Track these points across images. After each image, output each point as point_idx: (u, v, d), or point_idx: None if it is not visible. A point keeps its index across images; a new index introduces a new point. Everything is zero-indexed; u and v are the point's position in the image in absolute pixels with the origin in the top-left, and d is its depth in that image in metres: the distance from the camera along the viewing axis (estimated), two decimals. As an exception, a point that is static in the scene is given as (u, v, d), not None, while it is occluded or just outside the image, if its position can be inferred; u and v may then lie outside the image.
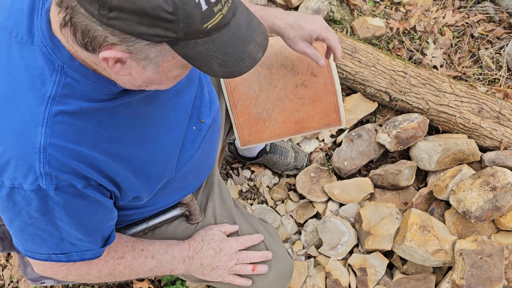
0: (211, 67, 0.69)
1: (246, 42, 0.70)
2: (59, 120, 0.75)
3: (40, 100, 0.74)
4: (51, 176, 0.77)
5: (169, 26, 0.62)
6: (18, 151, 0.75)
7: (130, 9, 0.60)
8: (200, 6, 0.62)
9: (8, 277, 1.77)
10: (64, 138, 0.76)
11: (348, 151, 1.79)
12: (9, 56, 0.76)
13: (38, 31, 0.74)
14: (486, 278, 1.37)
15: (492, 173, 1.52)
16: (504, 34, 2.09)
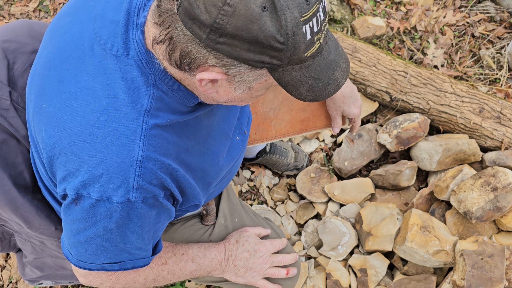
0: (300, 91, 0.72)
1: (334, 69, 0.73)
2: (154, 134, 0.78)
3: (137, 114, 0.77)
4: (142, 189, 0.79)
5: (276, 55, 0.66)
6: (115, 164, 0.77)
7: (243, 37, 0.64)
8: (306, 36, 0.66)
9: (7, 278, 1.76)
10: (158, 151, 0.79)
11: (348, 151, 1.78)
12: (105, 67, 0.77)
13: (134, 44, 0.76)
14: (487, 279, 1.37)
15: (493, 173, 1.52)
16: (505, 34, 2.08)
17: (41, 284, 1.38)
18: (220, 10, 0.62)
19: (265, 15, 0.63)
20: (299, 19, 0.64)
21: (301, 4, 0.64)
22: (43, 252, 1.25)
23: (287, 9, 0.63)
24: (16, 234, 1.29)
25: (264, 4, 0.62)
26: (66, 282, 1.44)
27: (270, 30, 0.63)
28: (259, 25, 0.63)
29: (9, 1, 2.22)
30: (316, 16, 0.66)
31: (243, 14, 0.62)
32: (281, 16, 0.63)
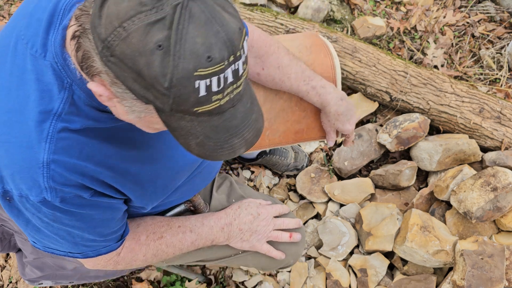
0: (188, 142, 0.68)
1: (233, 135, 0.68)
2: (63, 137, 0.76)
3: (45, 116, 0.75)
4: (56, 190, 0.77)
5: (159, 97, 0.61)
6: (23, 165, 0.76)
7: (129, 66, 0.60)
8: (198, 92, 0.60)
9: (7, 278, 1.76)
10: (68, 154, 0.77)
11: (348, 151, 1.78)
12: (24, 67, 0.76)
13: (51, 46, 0.74)
14: (487, 279, 1.37)
15: (493, 173, 1.52)
16: (505, 34, 2.08)
17: (41, 284, 1.38)
18: (114, 30, 0.59)
19: (157, 54, 0.58)
20: (192, 73, 0.59)
21: (200, 58, 0.58)
22: (43, 252, 1.25)
23: (182, 58, 0.58)
24: (16, 234, 1.29)
25: (161, 43, 0.58)
26: (66, 282, 1.44)
27: (156, 71, 0.58)
28: (146, 61, 0.58)
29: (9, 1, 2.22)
30: (218, 76, 0.60)
31: (134, 44, 0.58)
32: (172, 61, 0.58)
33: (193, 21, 0.58)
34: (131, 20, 0.58)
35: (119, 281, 1.74)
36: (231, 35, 0.60)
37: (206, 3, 0.59)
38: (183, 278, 1.71)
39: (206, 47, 0.58)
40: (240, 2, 2.02)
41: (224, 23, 0.60)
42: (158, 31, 0.58)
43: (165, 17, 0.58)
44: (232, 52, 0.61)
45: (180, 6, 0.58)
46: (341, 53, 1.83)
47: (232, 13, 0.62)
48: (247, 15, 1.93)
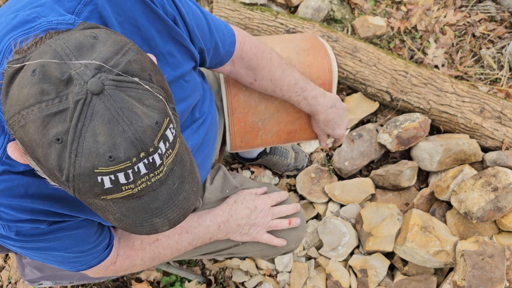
0: (107, 216, 0.65)
1: (154, 215, 0.65)
2: (5, 179, 0.73)
3: None
4: (8, 226, 0.76)
5: (61, 184, 0.59)
6: None
7: (28, 151, 0.58)
8: (102, 185, 0.57)
9: (6, 278, 1.76)
10: (12, 195, 0.74)
11: (348, 151, 1.78)
12: None
13: None
14: (487, 279, 1.36)
15: (493, 173, 1.51)
16: (505, 34, 2.08)
17: (41, 284, 1.38)
18: (14, 116, 0.56)
19: (54, 147, 0.55)
20: (92, 170, 0.55)
21: (101, 158, 0.55)
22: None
23: (80, 155, 0.55)
24: (15, 235, 1.29)
25: (60, 137, 0.54)
26: (66, 283, 1.44)
27: (52, 164, 0.56)
28: (43, 152, 0.56)
29: (9, 1, 2.22)
30: (125, 172, 0.56)
31: (31, 133, 0.55)
32: (68, 158, 0.55)
33: (95, 118, 0.54)
34: (30, 109, 0.55)
35: (118, 282, 1.73)
36: (141, 134, 0.56)
37: (113, 99, 0.55)
38: (182, 278, 1.71)
39: (108, 147, 0.55)
40: (240, 2, 2.02)
41: (133, 120, 0.55)
42: (59, 123, 0.54)
43: (67, 109, 0.54)
44: (142, 149, 0.56)
45: (82, 102, 0.54)
46: (341, 52, 1.82)
47: (150, 105, 0.58)
48: (247, 14, 1.93)
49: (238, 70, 1.13)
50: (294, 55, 1.30)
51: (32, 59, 0.57)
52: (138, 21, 0.80)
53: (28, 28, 0.69)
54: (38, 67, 0.56)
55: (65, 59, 0.56)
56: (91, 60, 0.56)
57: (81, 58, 0.56)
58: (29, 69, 0.56)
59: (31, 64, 0.56)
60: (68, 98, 0.54)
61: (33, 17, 0.71)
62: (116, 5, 0.77)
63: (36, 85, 0.55)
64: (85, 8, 0.75)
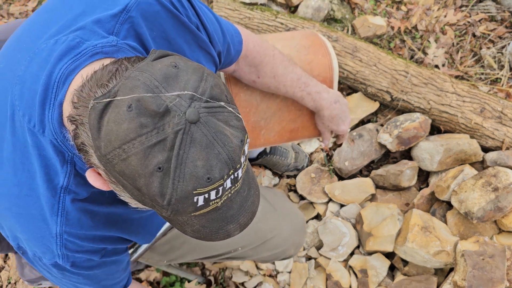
0: (185, 229, 0.70)
1: (229, 222, 0.69)
2: (72, 209, 0.78)
3: (53, 192, 0.76)
4: (68, 256, 0.80)
5: (158, 207, 0.63)
6: (37, 235, 0.79)
7: (128, 181, 0.61)
8: (196, 203, 0.62)
9: (6, 279, 1.76)
10: (79, 225, 0.79)
11: (349, 151, 1.78)
12: (24, 141, 0.76)
13: (49, 123, 0.73)
14: (487, 279, 1.36)
15: (494, 173, 1.51)
16: (506, 34, 2.07)
17: (40, 284, 1.37)
18: (114, 150, 0.59)
19: (156, 176, 0.59)
20: (191, 192, 0.60)
21: (200, 180, 0.59)
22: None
23: (182, 180, 0.59)
24: (15, 235, 1.29)
25: (161, 165, 0.58)
26: (66, 283, 1.43)
27: (155, 191, 0.60)
28: (145, 181, 0.59)
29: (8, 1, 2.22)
30: (217, 189, 0.62)
31: (134, 166, 0.58)
32: (171, 184, 0.59)
33: (194, 145, 0.58)
34: (131, 143, 0.58)
35: (118, 282, 1.73)
36: (232, 154, 0.61)
37: (208, 126, 0.59)
38: (182, 279, 1.70)
39: (206, 170, 0.59)
40: (240, 1, 2.02)
41: (226, 142, 0.60)
42: (158, 152, 0.58)
43: (165, 138, 0.58)
44: (232, 167, 0.61)
45: (182, 132, 0.58)
46: (341, 52, 1.82)
47: (235, 125, 0.63)
48: (247, 14, 1.92)
49: (242, 68, 1.14)
50: (294, 53, 1.30)
51: (122, 94, 0.59)
52: (169, 34, 0.83)
53: (75, 54, 0.71)
54: (134, 102, 0.58)
55: (157, 91, 0.58)
56: (182, 90, 0.59)
57: (170, 89, 0.59)
58: (124, 104, 0.58)
59: (124, 99, 0.59)
60: (165, 128, 0.58)
61: (76, 43, 0.72)
62: (149, 21, 0.79)
63: (135, 119, 0.58)
64: (122, 27, 0.77)
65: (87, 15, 0.76)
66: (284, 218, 1.26)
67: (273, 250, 1.29)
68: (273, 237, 1.22)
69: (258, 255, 1.28)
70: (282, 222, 1.25)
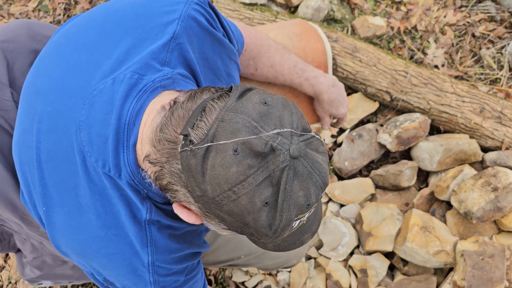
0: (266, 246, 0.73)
1: (305, 233, 0.73)
2: (159, 237, 0.81)
3: (140, 226, 0.79)
4: (159, 281, 0.84)
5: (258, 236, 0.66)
6: (129, 269, 0.82)
7: (235, 218, 0.63)
8: (292, 228, 0.66)
9: (6, 278, 1.76)
10: (167, 250, 0.83)
11: (348, 151, 1.78)
12: (102, 185, 0.77)
13: (125, 167, 0.74)
14: (487, 279, 1.36)
15: (493, 173, 1.51)
16: (505, 34, 2.08)
17: (41, 284, 1.38)
18: (223, 193, 0.62)
19: (264, 210, 0.62)
20: (293, 218, 0.64)
21: (302, 207, 0.64)
22: (42, 251, 1.24)
23: (287, 211, 0.63)
24: (15, 234, 1.29)
25: (268, 200, 0.62)
26: (66, 282, 1.44)
27: (263, 225, 0.63)
28: (254, 217, 0.63)
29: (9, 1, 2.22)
30: (310, 212, 0.67)
31: (243, 205, 0.62)
32: (279, 216, 0.63)
33: (297, 178, 0.62)
34: (241, 185, 0.61)
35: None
36: (325, 179, 0.65)
37: (308, 158, 0.63)
38: (183, 278, 1.71)
39: (307, 198, 0.64)
40: (240, 2, 2.02)
41: (321, 170, 0.64)
42: (265, 189, 0.61)
43: (270, 175, 0.61)
44: (324, 190, 0.66)
45: (288, 168, 0.61)
46: (341, 52, 1.82)
47: (322, 151, 0.66)
48: (247, 14, 1.93)
49: (242, 63, 1.14)
50: (287, 41, 1.30)
51: (224, 138, 0.61)
52: (206, 53, 0.85)
53: (138, 92, 0.72)
54: (239, 146, 0.61)
55: (257, 132, 0.61)
56: (280, 128, 0.62)
57: (267, 127, 0.62)
58: (229, 148, 0.61)
59: (228, 143, 0.61)
60: (268, 166, 0.61)
61: (135, 80, 0.73)
62: (193, 44, 0.81)
63: (243, 162, 0.61)
64: (172, 55, 0.78)
65: (137, 48, 0.76)
66: None
67: (276, 259, 1.31)
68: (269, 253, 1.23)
69: (261, 263, 1.29)
70: None
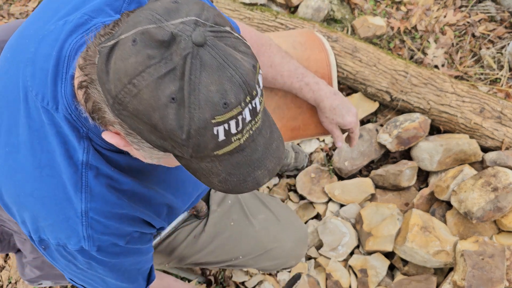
0: (211, 180, 0.67)
1: (256, 168, 0.67)
2: (96, 184, 0.76)
3: (75, 168, 0.74)
4: (94, 238, 0.78)
5: (177, 146, 0.60)
6: (62, 216, 0.76)
7: (143, 121, 0.58)
8: (217, 137, 0.59)
9: (6, 278, 1.76)
10: (104, 201, 0.77)
11: (348, 151, 1.78)
12: (40, 121, 0.75)
13: (62, 98, 0.72)
14: (487, 279, 1.36)
15: (493, 173, 1.51)
16: (505, 34, 2.08)
17: (41, 284, 1.38)
18: (124, 87, 0.57)
19: (171, 107, 0.56)
20: (210, 121, 0.57)
21: (217, 106, 0.56)
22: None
23: (197, 108, 0.56)
24: (15, 234, 1.29)
25: (174, 96, 0.56)
26: (66, 282, 1.44)
27: (172, 124, 0.57)
28: (160, 115, 0.57)
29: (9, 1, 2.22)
30: (236, 119, 0.59)
31: (146, 99, 0.56)
32: (187, 114, 0.56)
33: (205, 69, 0.56)
34: (140, 76, 0.56)
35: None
36: (246, 77, 0.58)
37: (217, 48, 0.57)
38: (182, 278, 1.71)
39: (221, 94, 0.56)
40: (240, 2, 2.02)
41: (237, 65, 0.58)
42: (170, 83, 0.56)
43: (175, 67, 0.56)
44: (248, 92, 0.59)
45: (190, 56, 0.56)
46: (341, 52, 1.82)
47: (244, 51, 0.60)
48: (247, 14, 1.93)
49: None
50: (291, 50, 1.30)
51: (125, 32, 0.58)
52: None
53: (84, 30, 0.71)
54: (138, 36, 0.57)
55: (159, 23, 0.57)
56: (185, 17, 0.57)
57: (172, 20, 0.57)
58: (128, 40, 0.57)
59: (128, 35, 0.57)
60: (173, 58, 0.56)
61: (85, 20, 0.72)
62: None
63: (141, 52, 0.56)
64: (129, 6, 0.77)
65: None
66: (287, 230, 1.24)
67: (274, 261, 1.28)
68: (274, 248, 1.21)
69: (259, 264, 1.27)
70: (285, 234, 1.23)
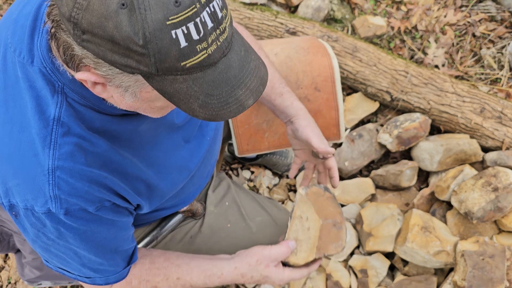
0: (191, 106, 0.64)
1: (235, 86, 0.64)
2: (66, 141, 0.74)
3: (45, 123, 0.73)
4: (61, 200, 0.75)
5: (140, 59, 0.58)
6: (29, 174, 0.74)
7: (100, 36, 0.57)
8: (178, 43, 0.57)
9: (6, 278, 1.76)
10: (73, 160, 0.74)
11: (349, 152, 1.78)
12: (15, 76, 0.74)
13: (37, 51, 0.72)
14: (487, 280, 1.36)
15: (494, 173, 1.51)
16: (506, 34, 2.07)
17: (40, 284, 1.38)
18: (75, 3, 0.56)
19: (123, 13, 0.55)
20: (164, 22, 0.55)
21: (168, 5, 0.55)
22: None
23: (148, 9, 0.55)
24: (15, 235, 1.29)
25: (123, 1, 0.55)
26: (65, 283, 1.44)
27: (127, 31, 0.55)
28: (114, 23, 0.55)
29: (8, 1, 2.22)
30: (194, 21, 0.57)
31: (97, 10, 0.55)
32: (139, 16, 0.55)
33: None
34: None
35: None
36: None
37: None
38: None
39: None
40: (240, 1, 2.02)
41: None
42: None
43: None
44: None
45: None
46: (341, 52, 1.82)
47: None
48: (247, 14, 1.93)
49: None
50: (294, 54, 1.30)
51: None
52: None
53: None
54: None
55: None
56: None
57: None
58: None
59: None
60: None
61: None
62: None
63: None
64: None
65: None
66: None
67: None
68: None
69: None
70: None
